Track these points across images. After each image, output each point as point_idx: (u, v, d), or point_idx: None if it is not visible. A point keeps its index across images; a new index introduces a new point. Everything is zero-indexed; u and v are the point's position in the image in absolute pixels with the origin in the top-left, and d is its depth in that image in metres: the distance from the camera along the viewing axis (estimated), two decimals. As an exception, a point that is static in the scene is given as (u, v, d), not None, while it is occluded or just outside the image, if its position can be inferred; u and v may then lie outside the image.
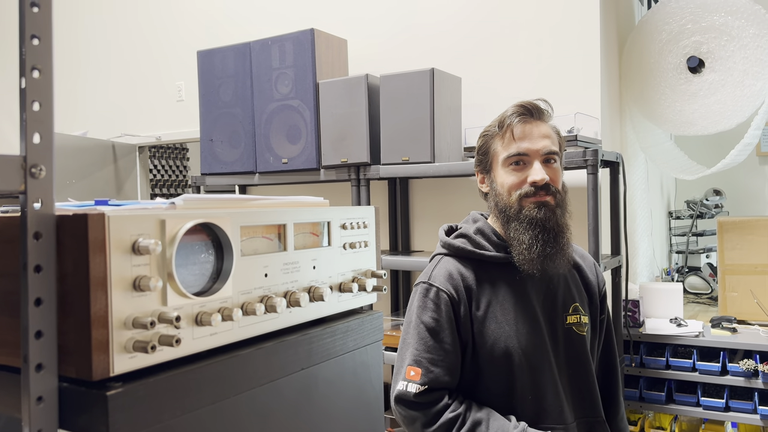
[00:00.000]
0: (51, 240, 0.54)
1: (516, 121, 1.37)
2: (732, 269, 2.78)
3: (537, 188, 1.33)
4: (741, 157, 2.93)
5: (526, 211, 1.33)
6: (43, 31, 0.53)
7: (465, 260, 1.39)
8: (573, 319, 1.40)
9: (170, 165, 4.51)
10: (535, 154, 1.35)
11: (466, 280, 1.36)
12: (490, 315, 1.34)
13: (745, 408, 2.32)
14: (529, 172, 1.34)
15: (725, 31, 2.75)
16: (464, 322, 1.34)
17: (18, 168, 0.52)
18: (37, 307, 0.53)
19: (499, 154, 1.38)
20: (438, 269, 1.39)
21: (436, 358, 1.30)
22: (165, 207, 0.63)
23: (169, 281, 0.58)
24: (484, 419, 1.27)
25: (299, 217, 0.76)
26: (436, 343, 1.31)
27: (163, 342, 0.57)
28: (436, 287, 1.35)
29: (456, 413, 1.27)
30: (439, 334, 1.32)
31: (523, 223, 1.33)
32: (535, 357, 1.33)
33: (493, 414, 1.29)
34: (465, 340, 1.34)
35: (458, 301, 1.34)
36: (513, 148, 1.35)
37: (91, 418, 0.53)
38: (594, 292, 1.50)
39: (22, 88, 0.53)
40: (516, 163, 1.35)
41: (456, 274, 1.36)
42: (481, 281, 1.37)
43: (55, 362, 0.54)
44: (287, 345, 0.72)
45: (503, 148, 1.37)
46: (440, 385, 1.30)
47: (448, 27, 2.87)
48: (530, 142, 1.35)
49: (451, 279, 1.36)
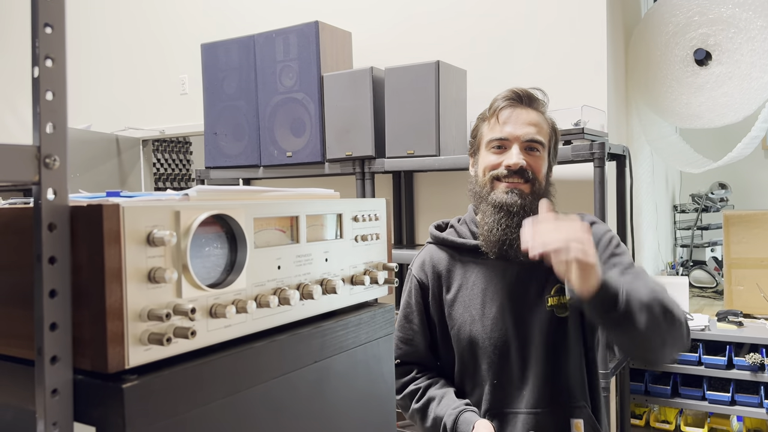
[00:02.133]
0: (65, 231, 0.54)
1: (504, 105, 1.37)
2: (738, 263, 2.77)
3: (511, 172, 1.32)
4: (747, 150, 2.92)
5: (494, 194, 1.34)
6: (56, 19, 0.53)
7: (442, 247, 1.46)
8: (554, 301, 1.35)
9: (174, 158, 4.50)
10: (515, 140, 1.34)
11: (436, 266, 1.43)
12: (459, 299, 1.39)
13: (751, 402, 2.32)
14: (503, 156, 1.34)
15: (733, 23, 2.73)
16: (433, 306, 1.42)
17: (32, 158, 0.52)
18: (52, 299, 0.53)
19: (485, 136, 1.39)
20: (419, 257, 1.49)
21: (405, 337, 1.43)
22: (178, 198, 0.63)
23: (184, 273, 0.58)
24: (437, 396, 1.36)
25: (312, 209, 0.75)
26: (407, 323, 1.43)
27: (178, 334, 0.56)
28: (412, 274, 1.46)
29: (417, 386, 1.39)
30: (409, 316, 1.44)
31: (490, 205, 1.33)
32: (501, 342, 1.33)
33: (449, 393, 1.36)
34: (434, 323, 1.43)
35: (427, 286, 1.43)
36: (496, 131, 1.36)
37: (106, 411, 0.53)
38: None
39: (35, 77, 0.52)
40: (497, 147, 1.36)
41: (428, 261, 1.45)
42: (454, 267, 1.42)
43: (70, 354, 0.54)
44: (300, 338, 0.71)
45: (488, 131, 1.38)
46: (410, 360, 1.42)
47: (453, 19, 2.86)
48: (513, 127, 1.34)
49: (423, 265, 1.45)
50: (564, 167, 2.52)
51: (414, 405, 1.38)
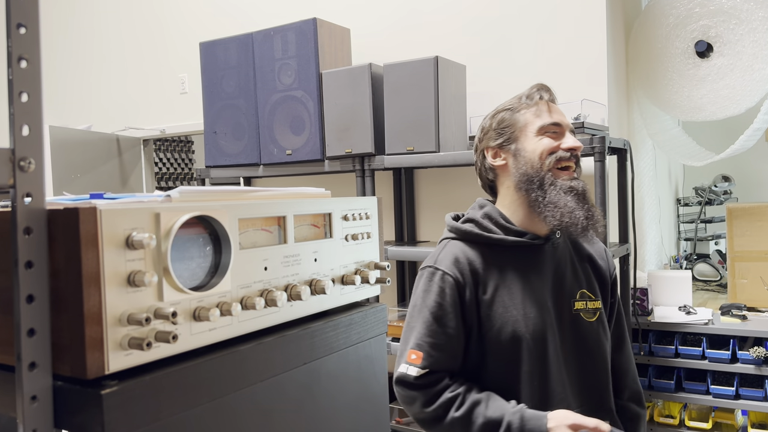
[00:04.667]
0: (42, 235, 0.53)
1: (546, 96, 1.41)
2: (741, 256, 2.75)
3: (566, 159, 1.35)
4: (750, 142, 2.89)
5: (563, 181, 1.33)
6: (29, 19, 0.52)
7: (472, 244, 1.38)
8: (580, 305, 1.39)
9: (175, 158, 4.50)
10: (566, 127, 1.38)
11: (472, 264, 1.35)
12: (497, 299, 1.33)
13: (756, 395, 2.30)
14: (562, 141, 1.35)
15: (734, 14, 2.70)
16: (470, 306, 1.33)
17: (6, 161, 0.51)
18: (29, 304, 0.52)
19: (531, 122, 1.38)
20: (444, 253, 1.38)
21: (438, 343, 1.31)
22: (160, 200, 0.62)
23: (165, 276, 0.57)
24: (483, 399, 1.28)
25: (300, 208, 0.74)
26: (439, 327, 1.31)
27: (159, 338, 0.55)
28: (441, 271, 1.34)
29: (455, 393, 1.28)
30: (442, 319, 1.31)
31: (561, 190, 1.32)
32: (542, 342, 1.32)
33: (493, 395, 1.30)
34: (470, 325, 1.34)
35: (464, 284, 1.33)
36: (548, 118, 1.37)
37: (86, 418, 0.52)
38: (605, 277, 1.48)
39: (10, 78, 0.51)
40: (552, 132, 1.36)
41: (462, 258, 1.35)
42: (489, 265, 1.35)
43: (49, 360, 0.53)
44: (288, 339, 0.70)
45: (536, 116, 1.38)
46: (441, 368, 1.31)
47: (452, 14, 2.84)
48: (560, 116, 1.39)
49: (458, 263, 1.35)
50: (564, 162, 2.50)
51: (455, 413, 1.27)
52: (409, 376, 1.28)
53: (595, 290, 1.44)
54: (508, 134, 1.40)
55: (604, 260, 1.50)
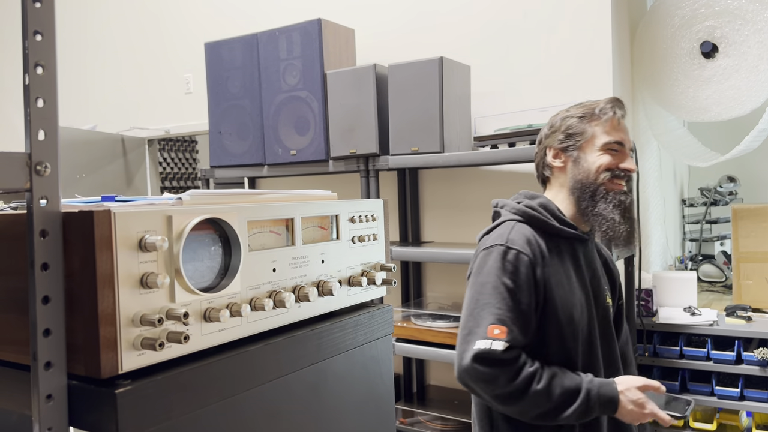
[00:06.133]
0: (57, 237, 0.54)
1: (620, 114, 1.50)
2: (747, 257, 2.75)
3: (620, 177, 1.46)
4: (756, 143, 2.89)
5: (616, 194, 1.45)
6: (45, 26, 0.53)
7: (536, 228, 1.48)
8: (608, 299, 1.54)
9: (180, 158, 4.51)
10: (627, 147, 1.49)
11: (540, 246, 1.44)
12: (557, 282, 1.42)
13: (761, 397, 2.30)
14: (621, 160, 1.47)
15: (739, 14, 2.70)
16: (540, 284, 1.41)
17: (23, 165, 0.52)
18: (45, 305, 0.53)
19: (598, 137, 1.48)
20: (515, 233, 1.45)
21: (516, 318, 1.36)
22: (171, 203, 0.63)
23: (177, 277, 0.58)
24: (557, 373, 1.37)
25: (307, 210, 0.75)
26: (514, 303, 1.37)
27: (171, 339, 0.56)
28: (516, 249, 1.41)
29: (534, 368, 1.35)
30: (516, 295, 1.37)
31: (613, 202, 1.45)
32: (588, 327, 1.45)
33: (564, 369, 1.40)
34: (538, 302, 1.41)
35: (536, 263, 1.41)
36: (614, 135, 1.47)
37: (100, 416, 0.53)
38: (616, 278, 1.64)
39: (26, 84, 0.52)
40: (614, 149, 1.46)
41: (533, 239, 1.44)
42: (551, 250, 1.46)
43: (64, 360, 0.54)
44: (296, 340, 0.71)
45: (604, 132, 1.48)
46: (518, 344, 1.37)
47: (456, 15, 2.84)
48: (625, 135, 1.49)
49: (530, 243, 1.43)
50: (569, 163, 2.50)
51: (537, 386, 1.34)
52: (495, 351, 1.31)
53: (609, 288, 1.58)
54: (573, 141, 1.51)
55: (614, 264, 1.66)
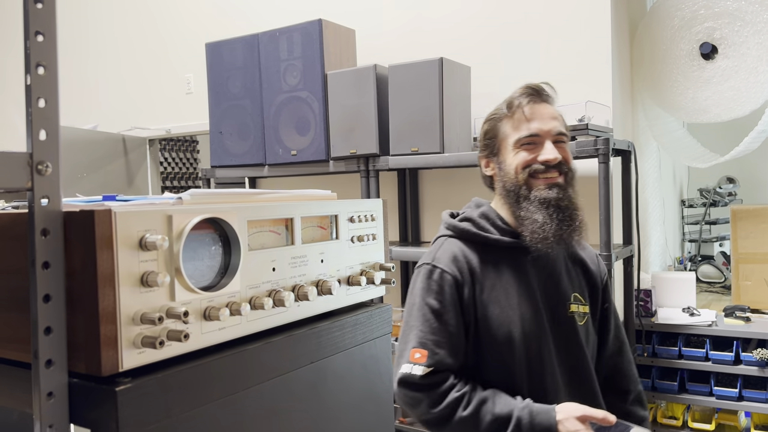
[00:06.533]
0: (58, 237, 0.54)
1: (526, 102, 1.36)
2: (745, 258, 2.75)
3: (548, 167, 1.32)
4: (755, 144, 2.89)
5: (536, 191, 1.31)
6: (47, 27, 0.53)
7: (469, 243, 1.38)
8: (574, 308, 1.39)
9: (180, 157, 4.52)
10: (546, 135, 1.33)
11: (470, 262, 1.35)
12: (493, 299, 1.33)
13: (759, 397, 2.31)
14: (539, 152, 1.32)
15: (739, 16, 2.71)
16: (468, 304, 1.33)
17: (24, 165, 0.52)
18: (46, 304, 0.53)
19: (509, 136, 1.36)
20: (442, 251, 1.37)
21: (440, 340, 1.29)
22: (172, 202, 0.63)
23: (177, 276, 0.58)
24: (489, 397, 1.27)
25: (306, 210, 0.75)
26: (441, 325, 1.30)
27: (171, 337, 0.57)
28: (440, 269, 1.33)
29: (461, 392, 1.27)
30: (443, 316, 1.31)
31: (534, 202, 1.31)
32: (536, 343, 1.33)
33: (499, 392, 1.29)
34: (468, 323, 1.33)
35: (462, 282, 1.33)
36: (524, 129, 1.34)
37: (100, 414, 0.54)
38: (596, 282, 1.47)
39: (28, 84, 0.53)
40: (528, 144, 1.34)
41: (461, 256, 1.35)
42: (486, 264, 1.35)
43: (65, 358, 0.55)
44: (296, 339, 0.72)
45: (513, 129, 1.35)
46: (445, 367, 1.29)
47: (456, 15, 2.85)
48: (541, 122, 1.34)
49: (456, 261, 1.34)
50: (568, 163, 2.51)
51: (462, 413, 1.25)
52: (414, 376, 1.25)
53: (585, 295, 1.44)
54: (492, 146, 1.41)
55: (596, 265, 1.50)
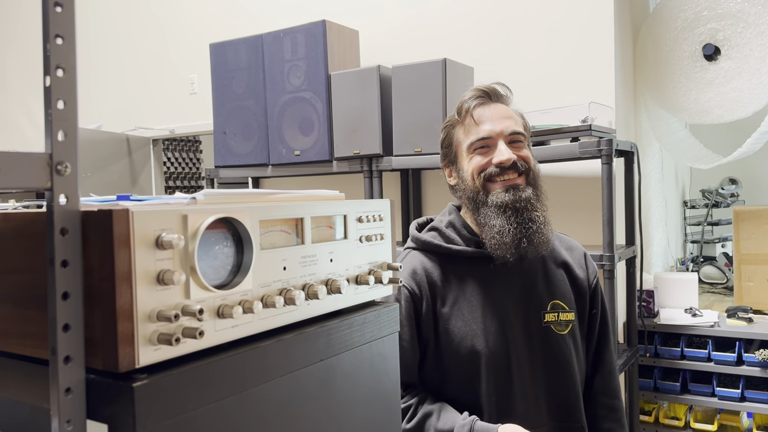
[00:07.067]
0: (77, 235, 0.55)
1: (474, 105, 1.31)
2: (748, 259, 2.76)
3: (504, 169, 1.27)
4: (757, 145, 2.90)
5: (493, 196, 1.27)
6: (66, 30, 0.54)
7: (432, 254, 1.33)
8: (551, 317, 1.33)
9: (184, 158, 4.53)
10: (498, 136, 1.28)
11: (430, 276, 1.30)
12: (456, 312, 1.28)
13: (761, 398, 2.32)
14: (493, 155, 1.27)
15: (742, 17, 2.71)
16: (426, 319, 1.29)
17: (44, 165, 0.53)
18: (65, 301, 0.55)
19: (462, 142, 1.32)
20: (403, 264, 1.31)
21: None
22: (186, 202, 0.64)
23: (192, 275, 0.59)
24: (435, 411, 1.24)
25: (316, 210, 0.76)
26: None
27: (186, 334, 0.58)
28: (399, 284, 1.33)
29: (407, 404, 1.25)
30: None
31: (491, 207, 1.26)
32: (503, 357, 1.27)
33: (446, 407, 1.25)
34: (426, 338, 1.29)
35: (420, 297, 1.29)
36: (473, 133, 1.29)
37: (117, 409, 0.55)
38: (582, 286, 1.40)
39: (47, 86, 0.54)
40: (481, 147, 1.29)
41: (420, 270, 1.31)
42: (448, 277, 1.30)
43: (83, 354, 0.56)
44: (306, 337, 0.73)
45: (465, 135, 1.31)
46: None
47: (460, 17, 2.86)
48: (492, 124, 1.29)
49: (414, 275, 1.30)
50: (571, 164, 2.52)
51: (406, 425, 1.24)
52: None
53: (569, 301, 1.36)
54: (449, 154, 1.37)
55: (583, 269, 1.41)
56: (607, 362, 1.43)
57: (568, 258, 1.41)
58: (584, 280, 1.40)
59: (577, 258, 1.43)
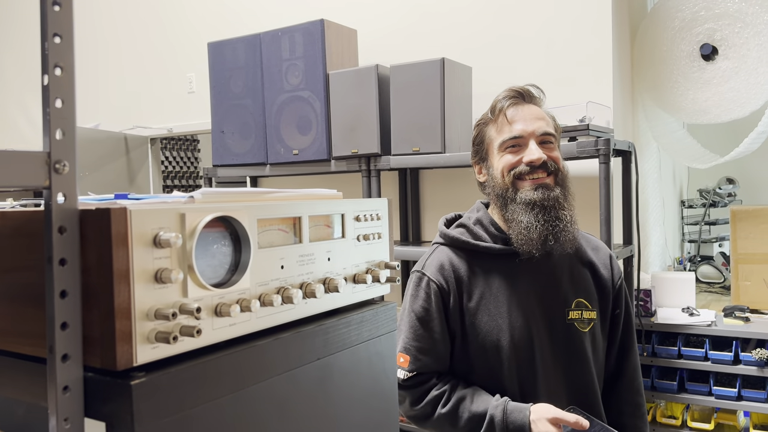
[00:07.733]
0: (75, 234, 0.55)
1: (508, 105, 1.36)
2: (745, 258, 2.77)
3: (534, 168, 1.31)
4: (755, 145, 2.91)
5: (522, 193, 1.31)
6: (64, 29, 0.54)
7: (460, 250, 1.38)
8: (575, 314, 1.36)
9: (181, 156, 4.53)
10: (530, 136, 1.33)
11: (457, 271, 1.35)
12: (482, 307, 1.33)
13: (758, 397, 2.32)
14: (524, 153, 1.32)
15: (739, 17, 2.72)
16: (453, 312, 1.34)
17: (42, 164, 0.54)
18: (63, 299, 0.55)
19: (494, 140, 1.36)
20: (431, 259, 1.40)
21: (424, 347, 1.33)
22: (184, 201, 0.64)
23: (190, 273, 0.59)
24: (468, 395, 1.30)
25: (314, 209, 0.76)
26: (426, 332, 1.33)
27: (184, 333, 0.58)
28: (427, 277, 1.36)
29: (441, 390, 1.31)
30: (428, 323, 1.33)
31: (520, 204, 1.30)
32: (527, 352, 1.32)
33: (478, 390, 1.31)
34: (454, 331, 1.35)
35: (448, 291, 1.34)
36: (506, 132, 1.34)
37: (115, 407, 0.55)
38: (606, 286, 1.43)
39: (45, 85, 0.54)
40: (512, 146, 1.33)
41: (447, 265, 1.36)
42: (475, 272, 1.35)
43: (80, 353, 0.56)
44: (303, 335, 0.73)
45: (497, 133, 1.36)
46: (428, 370, 1.34)
47: (458, 16, 2.86)
48: (524, 124, 1.33)
49: (442, 269, 1.36)
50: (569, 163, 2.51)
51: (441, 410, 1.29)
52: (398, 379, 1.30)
53: (593, 299, 1.40)
54: (480, 151, 1.41)
55: (607, 269, 1.45)
56: (632, 360, 1.47)
57: (593, 258, 1.45)
58: (608, 281, 1.44)
59: (603, 258, 1.46)
